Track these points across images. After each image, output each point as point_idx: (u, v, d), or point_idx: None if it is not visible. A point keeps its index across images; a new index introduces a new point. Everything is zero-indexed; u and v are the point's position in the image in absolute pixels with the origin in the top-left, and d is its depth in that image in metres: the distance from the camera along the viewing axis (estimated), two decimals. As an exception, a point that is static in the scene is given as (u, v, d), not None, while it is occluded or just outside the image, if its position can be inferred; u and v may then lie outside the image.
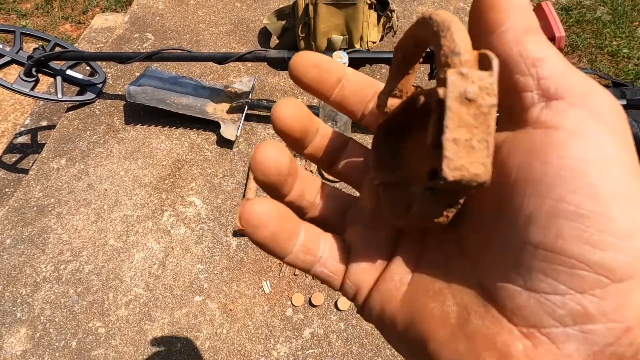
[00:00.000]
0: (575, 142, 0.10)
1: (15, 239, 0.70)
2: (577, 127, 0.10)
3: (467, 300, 0.11)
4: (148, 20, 1.05)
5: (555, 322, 0.10)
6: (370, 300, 0.14)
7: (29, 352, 0.60)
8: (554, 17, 0.66)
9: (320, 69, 0.15)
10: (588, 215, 0.09)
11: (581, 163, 0.10)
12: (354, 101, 0.16)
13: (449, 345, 0.11)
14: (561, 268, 0.10)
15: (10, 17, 1.84)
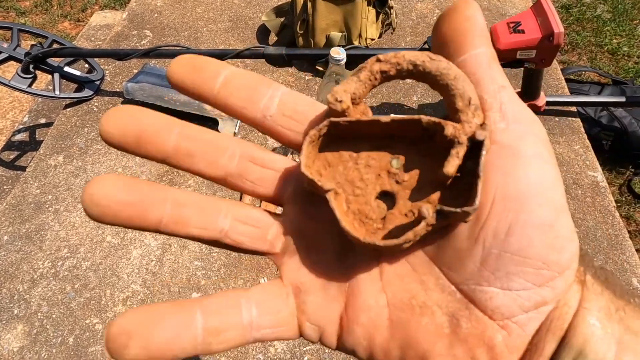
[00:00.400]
0: (538, 165, 0.12)
1: (13, 235, 0.70)
2: (535, 151, 0.12)
3: (452, 307, 0.13)
4: (146, 17, 1.05)
5: (522, 312, 0.12)
6: (352, 337, 0.14)
7: (25, 348, 0.59)
8: (552, 13, 0.66)
9: (196, 69, 0.14)
10: (550, 226, 0.12)
11: (544, 182, 0.12)
12: (243, 99, 0.14)
13: (449, 353, 0.12)
14: (531, 270, 0.12)
15: (9, 15, 1.84)
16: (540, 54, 0.68)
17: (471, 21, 0.13)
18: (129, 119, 0.13)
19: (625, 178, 1.31)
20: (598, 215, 0.73)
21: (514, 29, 0.68)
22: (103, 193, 0.13)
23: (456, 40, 0.13)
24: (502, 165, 0.12)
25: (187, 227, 0.14)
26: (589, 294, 0.12)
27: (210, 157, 0.14)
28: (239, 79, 0.14)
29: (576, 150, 0.81)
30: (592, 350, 0.11)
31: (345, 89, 0.14)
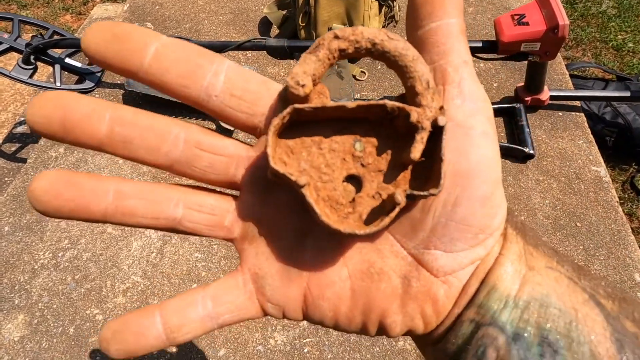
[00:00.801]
0: (484, 143, 0.13)
1: (14, 226, 0.70)
2: (483, 129, 0.14)
3: (405, 270, 0.14)
4: (148, 9, 1.05)
5: (460, 268, 0.14)
6: (318, 310, 0.15)
7: (26, 338, 0.60)
8: (557, 5, 0.65)
9: (118, 39, 0.12)
10: (489, 198, 0.13)
11: (488, 160, 0.13)
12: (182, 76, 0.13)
13: (401, 311, 0.14)
14: (470, 235, 0.14)
15: (10, 8, 1.84)
16: (545, 46, 0.67)
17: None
18: (53, 104, 0.13)
19: (628, 175, 1.30)
20: (601, 210, 0.72)
21: (519, 21, 0.68)
22: (44, 189, 0.13)
23: (430, 5, 0.13)
24: (454, 142, 0.13)
25: (135, 217, 0.14)
26: (508, 243, 0.14)
27: (150, 143, 0.13)
28: (174, 51, 0.13)
29: (579, 145, 0.80)
30: (502, 285, 0.13)
31: (305, 70, 0.13)
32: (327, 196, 0.14)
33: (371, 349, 0.59)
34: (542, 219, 0.71)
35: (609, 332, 0.13)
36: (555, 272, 0.14)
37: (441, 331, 0.14)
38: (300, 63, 0.13)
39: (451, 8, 0.13)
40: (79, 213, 0.13)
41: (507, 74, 0.91)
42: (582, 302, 0.13)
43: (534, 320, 0.13)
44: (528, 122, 0.79)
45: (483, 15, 1.04)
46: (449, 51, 0.13)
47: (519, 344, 0.13)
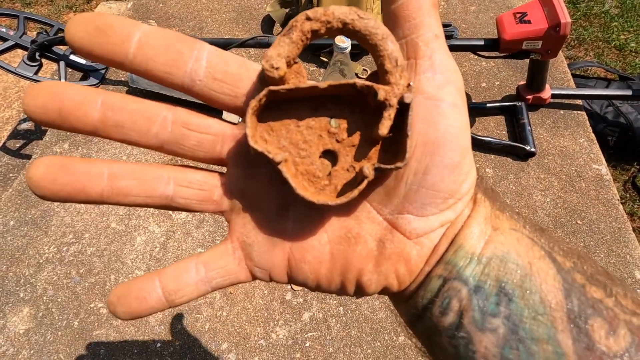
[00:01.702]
0: (453, 113, 0.14)
1: (19, 220, 0.71)
2: (452, 100, 0.14)
3: (380, 234, 0.15)
4: (151, 7, 1.05)
5: (431, 230, 0.15)
6: (301, 273, 0.16)
7: (31, 330, 0.60)
8: (559, 4, 0.65)
9: (101, 31, 0.13)
10: (457, 165, 0.14)
11: (455, 129, 0.14)
12: (166, 63, 0.14)
13: (376, 270, 0.15)
14: (439, 200, 0.15)
15: (15, 6, 1.85)
16: (547, 44, 0.68)
17: None
18: (49, 93, 0.13)
19: (630, 174, 1.30)
20: (602, 208, 0.73)
21: (520, 19, 0.68)
22: (40, 175, 0.13)
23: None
24: (425, 114, 0.14)
25: (129, 196, 0.15)
26: (476, 207, 0.15)
27: (140, 126, 0.14)
28: (156, 39, 0.13)
29: (581, 144, 0.81)
30: (468, 244, 0.15)
31: (279, 53, 0.13)
32: (305, 170, 0.15)
33: (372, 343, 0.59)
34: (543, 217, 0.72)
35: (558, 283, 0.14)
36: (518, 233, 0.15)
37: (413, 288, 0.16)
38: (274, 46, 0.13)
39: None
40: (76, 196, 0.14)
41: (508, 72, 0.91)
42: (538, 258, 0.14)
43: (494, 274, 0.14)
44: (529, 120, 0.79)
45: (485, 13, 1.04)
46: (420, 25, 0.14)
47: (479, 295, 0.14)
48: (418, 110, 0.14)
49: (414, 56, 0.14)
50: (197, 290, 0.15)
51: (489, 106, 0.83)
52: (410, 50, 0.14)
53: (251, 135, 0.14)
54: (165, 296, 0.15)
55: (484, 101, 0.85)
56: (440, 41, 0.14)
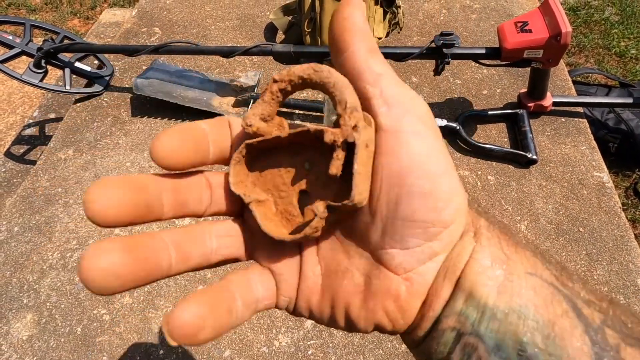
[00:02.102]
0: (414, 141, 0.14)
1: (23, 226, 0.71)
2: (412, 129, 0.14)
3: (367, 269, 0.15)
4: (156, 15, 1.06)
5: (420, 264, 0.15)
6: (297, 302, 0.17)
7: (34, 337, 0.60)
8: (560, 13, 0.66)
9: (192, 141, 0.16)
10: (430, 193, 0.14)
11: (420, 157, 0.14)
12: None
13: (363, 306, 0.15)
14: (420, 230, 0.14)
15: (19, 12, 1.87)
16: (548, 53, 0.68)
17: (349, 20, 0.15)
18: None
19: (631, 181, 1.30)
20: (604, 216, 0.73)
21: (521, 29, 0.69)
22: (104, 270, 0.14)
23: (339, 39, 0.15)
24: (385, 147, 0.14)
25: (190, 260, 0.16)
26: (481, 244, 0.14)
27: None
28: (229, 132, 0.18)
29: (582, 151, 0.81)
30: (479, 292, 0.14)
31: (254, 113, 0.16)
32: (284, 209, 0.17)
33: (375, 351, 0.59)
34: (545, 224, 0.72)
35: (587, 347, 0.13)
36: (536, 279, 0.14)
37: (421, 334, 0.15)
38: (251, 107, 0.16)
39: (354, 38, 0.15)
40: (146, 280, 0.14)
41: (510, 80, 0.92)
42: (561, 314, 0.13)
43: (513, 331, 0.13)
44: (531, 127, 0.80)
45: (486, 21, 1.05)
46: (362, 71, 0.15)
47: (498, 355, 0.13)
48: (380, 144, 0.14)
49: (367, 98, 0.15)
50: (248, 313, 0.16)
51: (490, 114, 0.84)
52: (362, 95, 0.15)
53: (233, 182, 0.16)
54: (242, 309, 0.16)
55: (486, 109, 0.86)
56: (387, 77, 0.15)
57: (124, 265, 0.13)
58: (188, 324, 0.13)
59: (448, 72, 0.93)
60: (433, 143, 0.14)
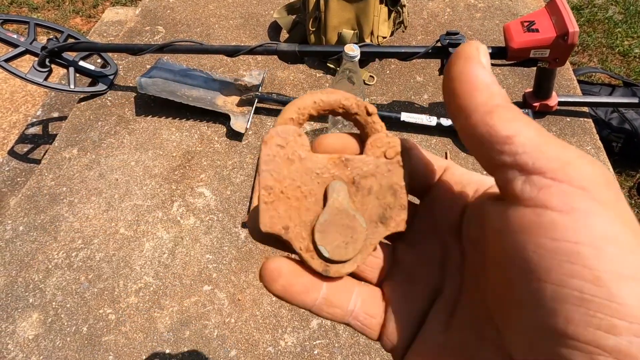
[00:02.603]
0: (566, 223, 0.10)
1: (28, 226, 0.71)
2: (564, 206, 0.10)
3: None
4: (159, 14, 1.06)
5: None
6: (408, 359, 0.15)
7: (40, 336, 0.60)
8: (567, 13, 0.65)
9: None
10: (594, 300, 0.10)
11: (574, 246, 0.10)
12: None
13: None
14: (578, 353, 0.10)
15: (22, 10, 1.86)
16: (554, 53, 0.68)
17: (467, 74, 0.13)
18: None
19: (635, 180, 1.30)
20: (609, 216, 0.73)
21: (528, 28, 0.68)
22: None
23: (454, 103, 0.13)
24: (518, 225, 0.11)
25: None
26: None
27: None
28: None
29: (588, 151, 0.81)
30: None
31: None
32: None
33: (381, 351, 0.59)
34: (551, 224, 0.72)
35: None
36: None
37: None
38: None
39: (472, 95, 0.13)
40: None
41: (515, 80, 0.92)
42: None
43: None
44: (536, 127, 0.79)
45: (491, 20, 1.04)
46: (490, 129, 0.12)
47: None
48: (509, 221, 0.11)
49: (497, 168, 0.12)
50: (341, 316, 0.16)
51: (495, 113, 0.83)
52: (493, 166, 0.12)
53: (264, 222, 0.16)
54: (321, 301, 0.15)
55: (491, 108, 0.85)
56: (521, 136, 0.12)
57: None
58: (270, 269, 0.15)
59: (453, 71, 0.92)
60: (605, 228, 0.10)
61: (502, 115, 0.12)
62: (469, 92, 0.12)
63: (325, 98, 0.15)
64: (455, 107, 0.13)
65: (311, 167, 0.15)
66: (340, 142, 0.16)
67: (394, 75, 0.93)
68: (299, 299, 0.15)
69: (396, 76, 0.93)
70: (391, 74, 0.93)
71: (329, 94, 0.15)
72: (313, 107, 0.15)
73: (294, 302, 0.15)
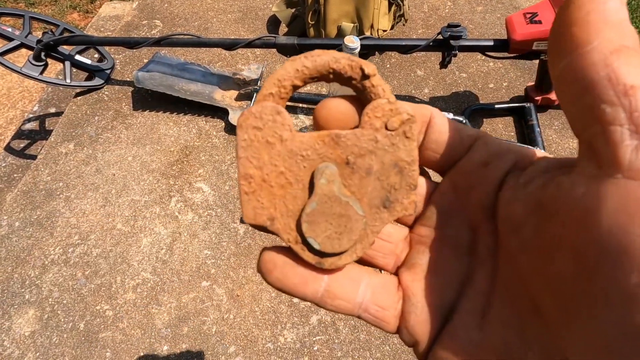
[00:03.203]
0: None
1: (24, 221, 0.71)
2: None
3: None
4: (157, 7, 1.05)
5: None
6: (435, 357, 0.14)
7: (37, 333, 0.60)
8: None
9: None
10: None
11: None
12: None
13: None
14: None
15: (18, 5, 1.85)
16: (557, 45, 0.67)
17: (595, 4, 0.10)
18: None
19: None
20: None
21: (531, 20, 0.67)
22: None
23: (570, 33, 0.10)
24: (620, 202, 0.09)
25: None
26: None
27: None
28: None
29: (590, 145, 0.80)
30: None
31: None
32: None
33: (381, 347, 0.59)
34: (553, 219, 0.71)
35: None
36: None
37: None
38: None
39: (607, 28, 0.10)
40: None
41: (516, 73, 0.91)
42: None
43: None
44: (538, 121, 0.79)
45: (492, 14, 1.03)
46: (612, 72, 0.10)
47: None
48: (607, 195, 0.09)
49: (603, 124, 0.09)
50: (349, 309, 0.14)
51: (497, 107, 0.83)
52: (594, 120, 0.10)
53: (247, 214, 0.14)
54: (323, 293, 0.14)
55: (492, 102, 0.85)
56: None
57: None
58: (265, 260, 0.14)
59: (454, 65, 0.91)
60: None
61: (631, 59, 0.09)
62: (595, 24, 0.10)
63: (310, 64, 0.13)
64: (568, 39, 0.10)
65: (295, 150, 0.13)
66: (335, 110, 0.13)
67: (394, 69, 0.92)
68: (297, 291, 0.14)
69: (396, 70, 0.92)
70: (391, 67, 0.92)
71: (314, 57, 0.13)
72: (296, 77, 0.13)
73: (293, 293, 0.14)
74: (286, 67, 0.13)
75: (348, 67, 0.13)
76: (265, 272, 0.14)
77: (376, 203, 0.14)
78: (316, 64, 0.13)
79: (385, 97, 0.13)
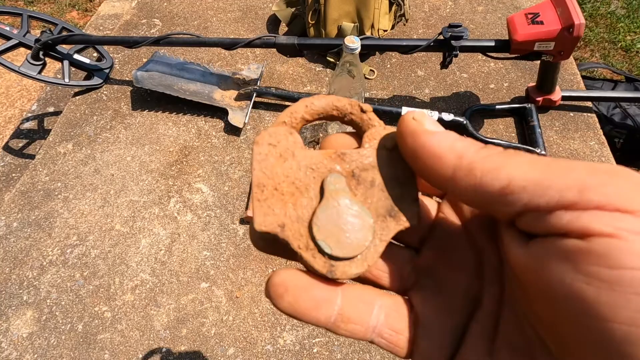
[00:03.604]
0: (620, 246, 0.08)
1: (22, 222, 0.70)
2: (609, 229, 0.09)
3: None
4: (156, 6, 1.04)
5: None
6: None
7: (35, 334, 0.59)
8: (573, 4, 0.64)
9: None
10: None
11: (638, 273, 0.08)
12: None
13: None
14: None
15: (17, 4, 1.84)
16: (559, 45, 0.66)
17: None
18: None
19: (637, 177, 1.29)
20: (613, 212, 0.72)
21: (532, 20, 0.67)
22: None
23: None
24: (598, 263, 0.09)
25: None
26: None
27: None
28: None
29: (591, 146, 0.80)
30: None
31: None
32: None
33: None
34: (554, 221, 0.71)
35: None
36: None
37: None
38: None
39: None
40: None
41: (517, 74, 0.90)
42: None
43: None
44: (539, 122, 0.78)
45: (493, 14, 1.03)
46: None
47: None
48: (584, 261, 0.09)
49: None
50: (362, 333, 0.14)
51: (498, 108, 0.82)
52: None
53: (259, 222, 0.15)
54: (336, 317, 0.13)
55: (493, 103, 0.84)
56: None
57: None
58: (275, 284, 0.13)
59: (454, 65, 0.91)
60: None
61: (483, 168, 0.11)
62: (437, 165, 0.12)
63: (317, 102, 0.15)
64: (437, 183, 0.12)
65: (305, 163, 0.14)
66: (340, 141, 0.15)
67: (394, 69, 0.91)
68: (310, 316, 0.13)
69: (397, 70, 0.91)
70: (392, 67, 0.92)
71: (320, 98, 0.15)
72: (305, 111, 0.15)
73: (306, 319, 0.13)
74: (297, 103, 0.15)
75: (348, 105, 0.15)
76: (275, 297, 0.13)
77: (382, 212, 0.14)
78: (321, 102, 0.15)
79: (381, 126, 0.15)
